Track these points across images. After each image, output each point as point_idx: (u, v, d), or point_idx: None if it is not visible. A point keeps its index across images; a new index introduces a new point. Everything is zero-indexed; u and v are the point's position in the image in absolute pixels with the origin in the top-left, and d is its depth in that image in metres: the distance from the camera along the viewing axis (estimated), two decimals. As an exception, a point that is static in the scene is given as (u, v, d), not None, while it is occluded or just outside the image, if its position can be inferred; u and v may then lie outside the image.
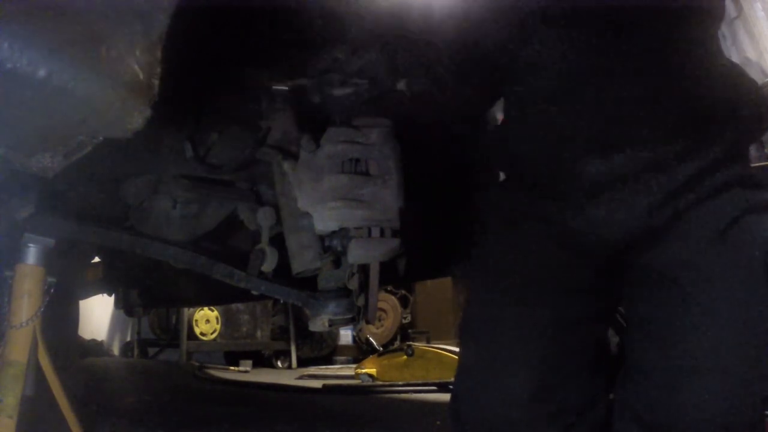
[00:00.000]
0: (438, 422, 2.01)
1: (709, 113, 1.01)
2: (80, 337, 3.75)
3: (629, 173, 1.01)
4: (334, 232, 1.04)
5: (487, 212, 1.27)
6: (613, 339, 1.25)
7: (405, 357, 3.48)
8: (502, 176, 1.29)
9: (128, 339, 5.00)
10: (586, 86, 1.00)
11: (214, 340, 4.69)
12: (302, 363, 5.12)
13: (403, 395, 2.87)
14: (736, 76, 1.08)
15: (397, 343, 4.84)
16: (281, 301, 3.97)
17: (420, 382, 3.08)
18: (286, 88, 1.03)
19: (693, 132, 1.00)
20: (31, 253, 1.04)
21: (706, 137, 1.01)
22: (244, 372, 4.42)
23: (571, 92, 1.01)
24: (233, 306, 4.76)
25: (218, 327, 4.71)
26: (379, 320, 5.29)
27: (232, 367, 4.56)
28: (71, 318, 2.09)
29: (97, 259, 2.21)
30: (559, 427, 1.02)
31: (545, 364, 1.04)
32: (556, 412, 1.02)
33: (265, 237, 1.15)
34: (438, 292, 5.14)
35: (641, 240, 1.05)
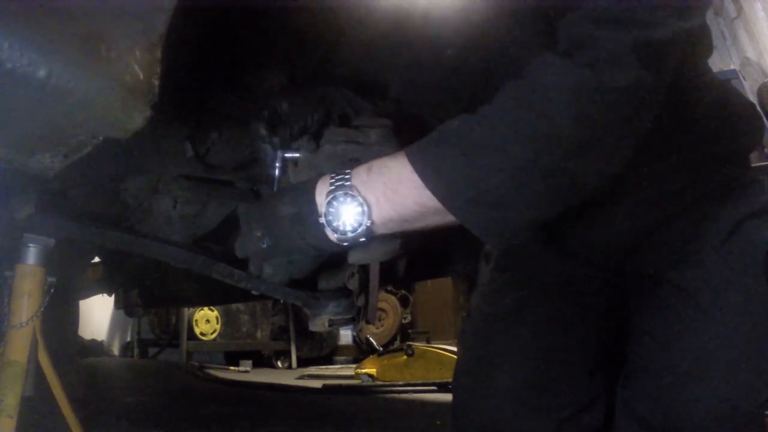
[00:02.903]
0: (438, 422, 2.01)
1: (705, 125, 1.02)
2: (80, 337, 3.75)
3: (626, 183, 1.01)
4: (334, 232, 1.04)
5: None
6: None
7: (405, 357, 3.48)
8: None
9: (128, 339, 5.01)
10: None
11: (214, 340, 4.70)
12: (302, 363, 5.13)
13: (403, 395, 2.87)
14: (726, 90, 1.09)
15: (397, 343, 4.85)
16: (281, 301, 3.97)
17: (420, 382, 3.08)
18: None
19: (690, 143, 1.01)
20: (31, 253, 1.04)
21: (703, 145, 1.01)
22: (244, 372, 4.43)
23: None
24: (233, 306, 4.77)
25: (218, 327, 4.72)
26: (379, 320, 5.30)
27: (232, 367, 4.57)
28: (71, 318, 2.09)
29: (97, 259, 2.21)
30: (551, 423, 1.02)
31: (538, 360, 1.04)
32: (548, 407, 1.02)
33: (265, 237, 1.15)
34: (438, 292, 5.15)
35: (642, 245, 1.06)
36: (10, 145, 0.76)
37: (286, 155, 1.04)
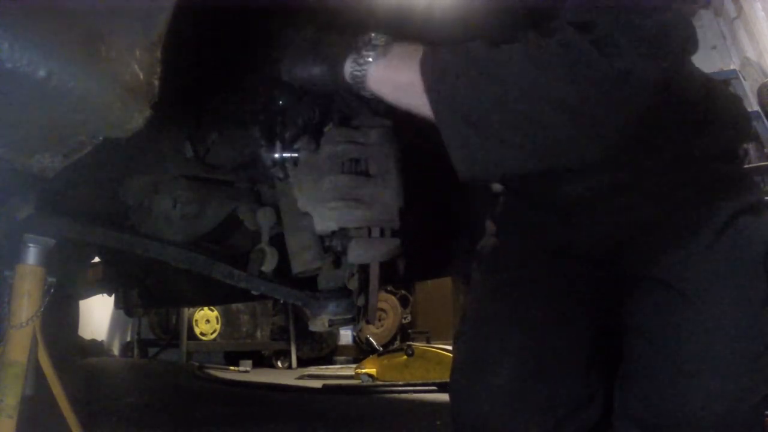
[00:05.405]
0: (438, 422, 2.01)
1: (692, 121, 1.02)
2: (80, 337, 3.75)
3: (612, 186, 1.02)
4: (334, 232, 1.04)
5: (484, 219, 1.28)
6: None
7: (405, 357, 3.48)
8: (497, 188, 1.32)
9: (128, 339, 5.00)
10: None
11: (214, 340, 4.70)
12: (302, 363, 5.13)
13: (403, 395, 2.87)
14: (711, 85, 1.09)
15: (397, 343, 4.85)
16: (281, 301, 3.97)
17: (420, 382, 3.08)
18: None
19: (678, 141, 1.01)
20: (31, 253, 1.04)
21: (690, 140, 1.01)
22: (244, 372, 4.42)
23: None
24: (233, 306, 4.77)
25: (218, 327, 4.71)
26: (379, 320, 5.30)
27: (232, 367, 4.56)
28: (71, 318, 2.09)
29: (97, 259, 2.21)
30: (547, 422, 1.02)
31: (534, 359, 1.04)
32: (544, 406, 1.02)
33: (265, 237, 1.15)
34: (438, 292, 5.15)
35: (632, 244, 1.06)
36: (10, 145, 0.76)
37: (285, 155, 1.04)
